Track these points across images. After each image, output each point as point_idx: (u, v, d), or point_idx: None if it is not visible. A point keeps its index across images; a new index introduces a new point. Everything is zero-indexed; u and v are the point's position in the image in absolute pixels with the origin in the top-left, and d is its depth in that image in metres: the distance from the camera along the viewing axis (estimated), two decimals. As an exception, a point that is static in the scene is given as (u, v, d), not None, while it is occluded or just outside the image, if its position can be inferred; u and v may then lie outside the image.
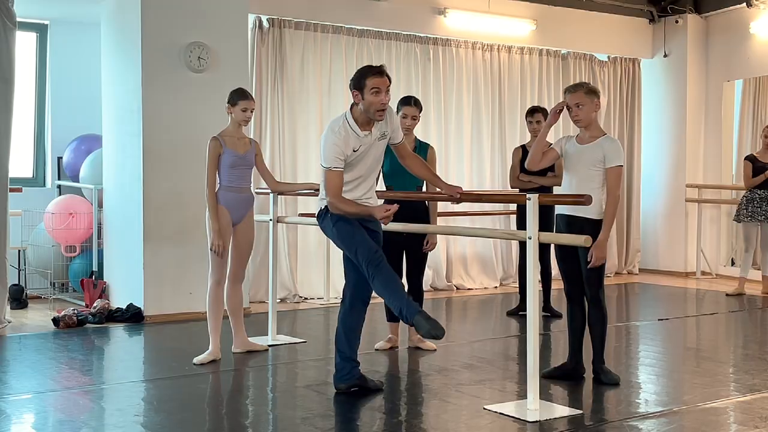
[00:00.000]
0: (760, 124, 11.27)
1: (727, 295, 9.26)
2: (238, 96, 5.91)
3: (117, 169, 8.00)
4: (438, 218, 6.65)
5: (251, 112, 5.95)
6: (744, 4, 10.41)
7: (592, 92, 5.22)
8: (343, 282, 5.16)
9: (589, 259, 5.10)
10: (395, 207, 4.73)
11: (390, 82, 4.84)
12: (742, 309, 8.47)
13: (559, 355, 6.01)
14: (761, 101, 11.37)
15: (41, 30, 9.22)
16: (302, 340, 6.68)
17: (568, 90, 5.28)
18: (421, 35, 9.68)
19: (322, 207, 4.96)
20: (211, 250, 5.82)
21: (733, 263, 11.00)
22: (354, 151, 4.80)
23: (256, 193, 7.21)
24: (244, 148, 5.94)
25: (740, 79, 11.07)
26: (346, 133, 4.79)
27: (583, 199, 4.60)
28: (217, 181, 5.87)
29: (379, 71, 4.80)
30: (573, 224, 5.17)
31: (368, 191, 4.95)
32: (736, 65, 10.81)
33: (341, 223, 4.86)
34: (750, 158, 9.23)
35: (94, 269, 8.32)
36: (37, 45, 9.25)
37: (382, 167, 5.44)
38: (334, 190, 4.78)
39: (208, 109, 7.55)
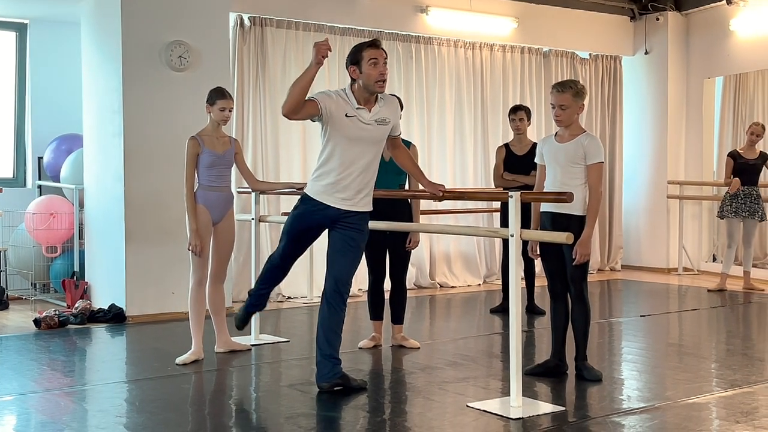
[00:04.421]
0: (740, 120, 11.35)
1: (708, 291, 9.31)
2: (216, 95, 5.89)
3: (98, 169, 7.95)
4: (421, 216, 6.65)
5: (230, 111, 5.93)
6: (724, 1, 10.47)
7: (579, 95, 5.21)
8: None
9: (573, 257, 5.12)
10: (327, 44, 4.74)
11: (386, 55, 4.85)
12: (723, 305, 8.52)
13: (543, 352, 6.03)
14: (741, 98, 11.45)
15: (20, 29, 9.16)
16: (285, 340, 6.67)
17: (555, 88, 5.25)
18: (403, 33, 9.68)
19: (305, 189, 5.03)
20: (189, 250, 5.80)
21: (714, 259, 11.06)
22: (347, 116, 4.79)
23: (238, 192, 7.21)
24: (223, 147, 5.92)
25: (720, 76, 11.13)
26: (338, 96, 4.85)
27: (564, 197, 4.61)
28: (196, 180, 5.85)
29: (374, 44, 4.83)
30: (558, 221, 5.18)
31: (362, 174, 4.88)
32: (717, 62, 10.87)
33: (295, 221, 4.99)
34: (732, 154, 9.28)
35: (75, 270, 8.27)
36: (17, 44, 9.18)
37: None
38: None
39: (189, 108, 7.51)
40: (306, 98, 4.78)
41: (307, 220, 4.96)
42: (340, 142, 4.84)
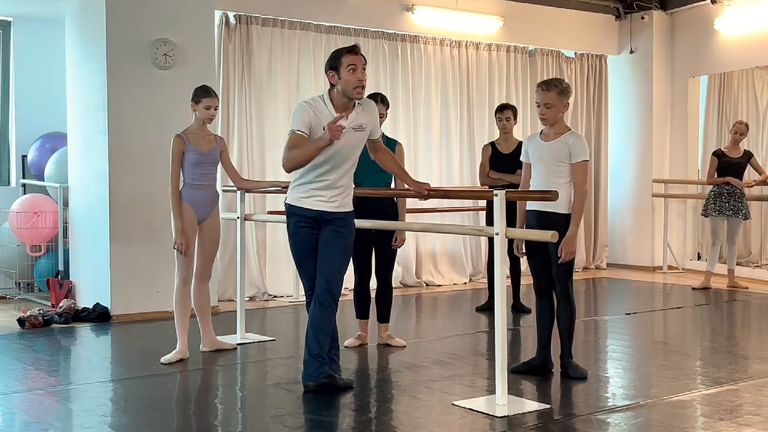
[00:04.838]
0: (724, 119, 11.41)
1: (693, 289, 9.36)
2: (202, 93, 5.87)
3: (82, 168, 7.92)
4: (407, 215, 6.65)
5: (215, 109, 5.91)
6: (708, 0, 10.51)
7: (564, 94, 5.22)
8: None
9: (559, 255, 5.13)
10: (343, 120, 4.71)
11: (365, 61, 4.84)
12: (708, 303, 8.56)
13: (528, 350, 6.03)
14: (726, 97, 11.51)
15: (4, 27, 9.10)
16: (271, 338, 6.65)
17: (540, 87, 5.26)
18: (389, 32, 9.68)
19: (285, 200, 5.03)
20: (174, 248, 5.78)
21: (699, 257, 11.11)
22: (324, 129, 4.78)
23: (224, 190, 7.18)
24: (209, 145, 5.90)
25: (705, 75, 11.19)
26: (316, 106, 4.84)
27: (549, 195, 4.62)
28: (182, 178, 5.83)
29: (353, 50, 4.82)
30: (544, 219, 5.19)
31: (341, 179, 4.91)
32: (701, 61, 10.92)
33: (295, 238, 4.99)
34: (717, 153, 9.32)
35: (59, 269, 8.23)
36: (1, 42, 9.12)
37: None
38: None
39: (174, 106, 7.48)
40: (296, 131, 4.79)
41: (305, 231, 4.95)
42: (323, 151, 4.84)
